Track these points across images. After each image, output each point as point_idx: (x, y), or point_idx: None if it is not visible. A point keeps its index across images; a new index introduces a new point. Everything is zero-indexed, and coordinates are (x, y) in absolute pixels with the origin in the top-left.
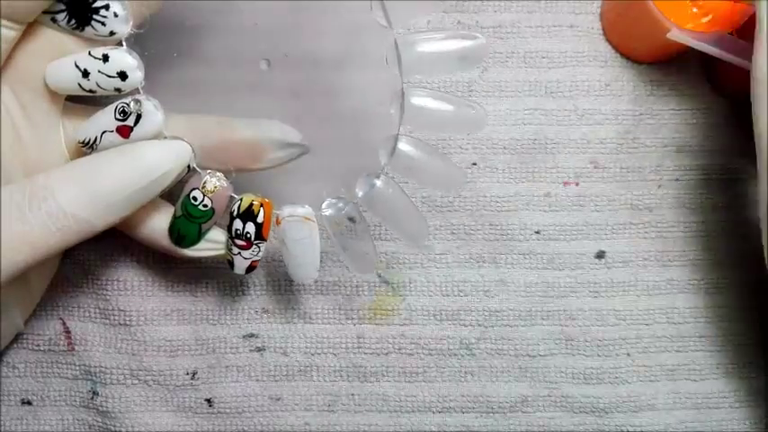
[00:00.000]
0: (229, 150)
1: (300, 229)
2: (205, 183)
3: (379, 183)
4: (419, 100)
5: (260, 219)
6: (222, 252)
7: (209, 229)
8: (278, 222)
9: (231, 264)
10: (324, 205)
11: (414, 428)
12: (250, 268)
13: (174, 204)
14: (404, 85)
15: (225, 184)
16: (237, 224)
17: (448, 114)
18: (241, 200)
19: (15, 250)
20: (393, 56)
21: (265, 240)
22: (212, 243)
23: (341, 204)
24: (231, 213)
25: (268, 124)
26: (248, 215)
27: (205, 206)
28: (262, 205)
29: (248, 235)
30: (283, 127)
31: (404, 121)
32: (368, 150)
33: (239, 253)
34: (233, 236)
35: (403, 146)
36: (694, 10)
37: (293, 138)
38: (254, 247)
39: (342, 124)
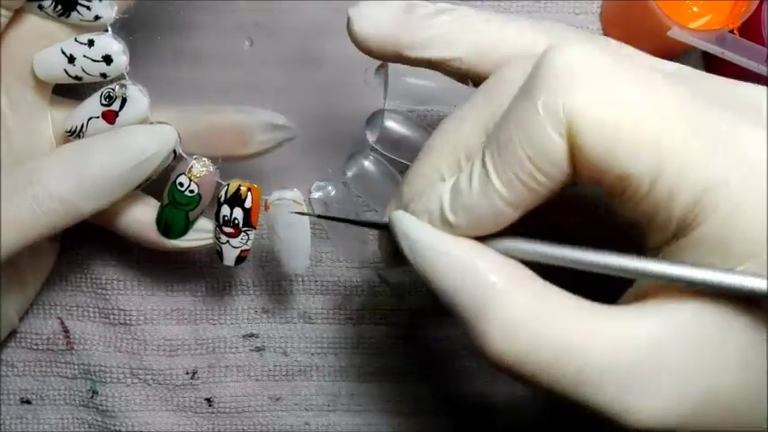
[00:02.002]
0: (216, 135)
1: (290, 214)
2: (191, 167)
3: (367, 162)
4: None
5: (248, 204)
6: (210, 242)
7: (196, 218)
8: (266, 208)
9: (220, 254)
10: (312, 188)
11: (414, 428)
12: (239, 259)
13: (158, 200)
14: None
15: (211, 168)
16: (225, 210)
17: (433, 87)
18: (228, 185)
19: (3, 233)
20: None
21: (254, 227)
22: (200, 233)
23: (329, 187)
24: (218, 199)
25: (254, 109)
26: (236, 200)
27: (191, 192)
28: (249, 190)
29: (236, 221)
30: (269, 112)
31: (389, 95)
32: (352, 124)
33: (228, 242)
34: (221, 223)
35: (389, 122)
36: (695, 9)
37: (279, 121)
38: (243, 234)
39: (325, 97)
